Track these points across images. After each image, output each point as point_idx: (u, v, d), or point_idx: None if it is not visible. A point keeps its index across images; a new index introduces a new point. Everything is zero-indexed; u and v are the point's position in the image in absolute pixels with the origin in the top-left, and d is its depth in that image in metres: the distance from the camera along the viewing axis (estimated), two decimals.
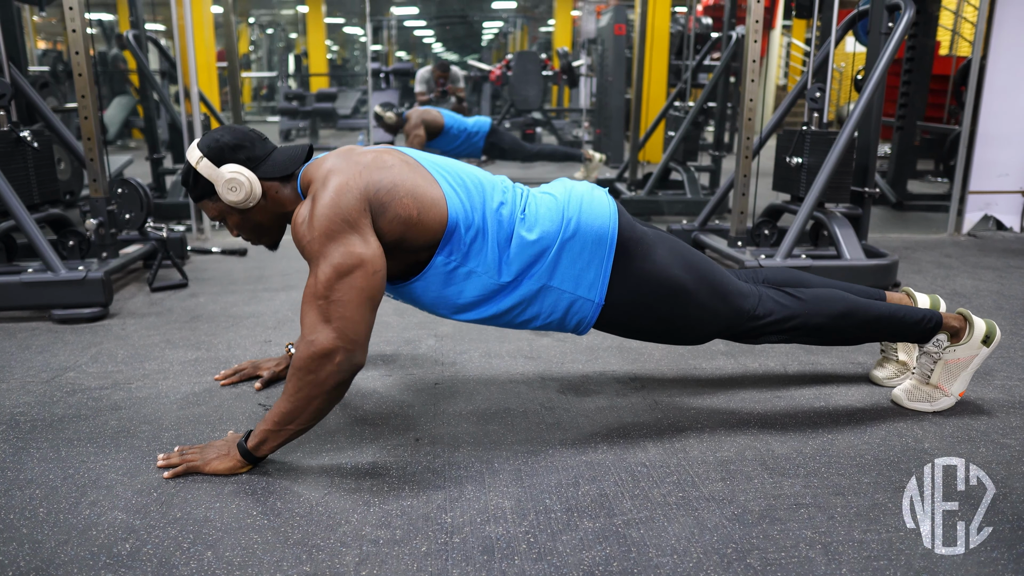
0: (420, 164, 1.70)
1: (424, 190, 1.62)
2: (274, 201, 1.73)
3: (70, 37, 2.94)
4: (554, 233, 1.70)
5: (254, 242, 1.84)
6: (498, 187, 1.75)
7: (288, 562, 1.35)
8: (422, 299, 1.75)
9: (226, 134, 1.70)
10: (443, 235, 1.64)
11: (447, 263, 1.67)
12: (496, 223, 1.69)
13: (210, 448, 1.67)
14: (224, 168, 1.67)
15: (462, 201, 1.66)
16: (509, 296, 1.72)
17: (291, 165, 1.72)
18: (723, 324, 1.84)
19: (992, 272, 3.51)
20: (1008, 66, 4.22)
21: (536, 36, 17.28)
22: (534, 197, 1.77)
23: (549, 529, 1.45)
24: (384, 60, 15.68)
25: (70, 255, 3.16)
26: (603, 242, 1.72)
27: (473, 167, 1.81)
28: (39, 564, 1.34)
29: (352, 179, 1.57)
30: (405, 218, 1.59)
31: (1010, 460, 1.72)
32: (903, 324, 1.93)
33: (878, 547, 1.40)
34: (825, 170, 3.17)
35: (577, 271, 1.72)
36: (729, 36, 5.08)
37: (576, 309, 1.75)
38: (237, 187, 1.66)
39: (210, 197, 1.72)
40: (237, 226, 1.77)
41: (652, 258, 1.75)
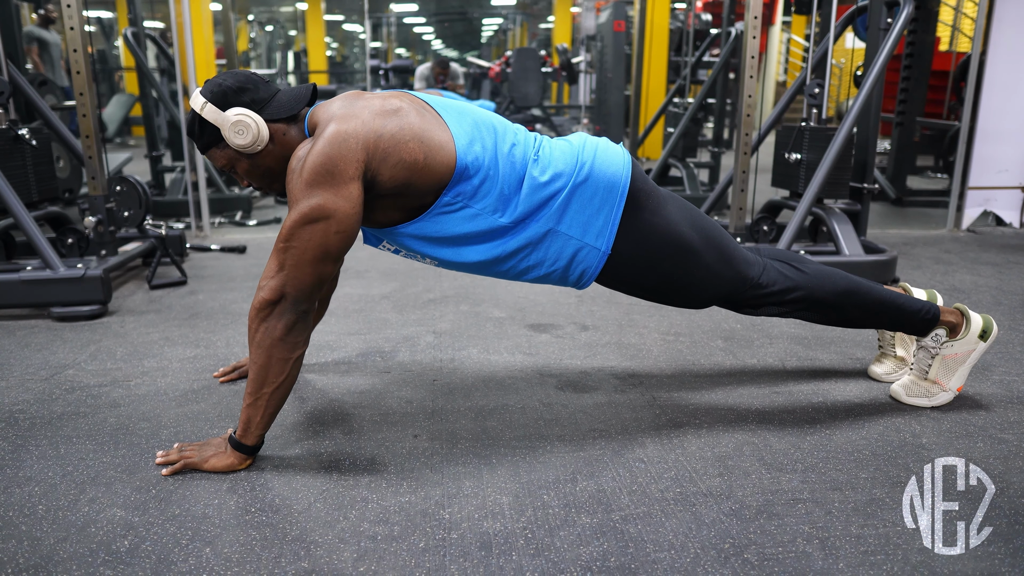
0: (430, 105, 1.67)
1: (431, 133, 1.59)
2: (282, 144, 1.68)
3: (68, 35, 2.93)
4: (567, 175, 1.68)
5: (265, 190, 1.78)
6: (510, 129, 1.73)
7: (286, 558, 1.35)
8: (422, 240, 1.70)
9: (228, 78, 1.67)
10: (451, 178, 1.61)
11: (452, 203, 1.64)
12: (508, 164, 1.66)
13: (208, 446, 1.68)
14: (229, 112, 1.62)
15: (472, 143, 1.63)
16: (514, 238, 1.69)
17: (297, 105, 1.69)
18: (726, 289, 1.82)
19: (991, 268, 3.51)
20: (1008, 62, 4.21)
21: (536, 33, 17.26)
22: (549, 142, 1.75)
23: (547, 525, 1.45)
24: (384, 57, 15.66)
25: (69, 253, 3.16)
26: (615, 190, 1.69)
27: (486, 111, 1.77)
28: (38, 561, 1.34)
29: (353, 127, 1.54)
30: (411, 163, 1.56)
31: (1008, 455, 1.72)
32: (902, 312, 1.93)
33: (875, 542, 1.40)
34: (824, 166, 3.17)
35: (586, 217, 1.69)
36: (728, 32, 5.07)
37: (581, 258, 1.72)
38: (244, 130, 1.62)
39: (217, 144, 1.68)
40: (247, 173, 1.72)
41: (662, 213, 1.73)
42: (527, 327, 2.65)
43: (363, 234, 1.79)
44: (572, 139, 1.78)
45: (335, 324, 2.68)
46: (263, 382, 1.58)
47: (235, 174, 1.73)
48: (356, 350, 2.42)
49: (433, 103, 1.69)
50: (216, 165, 1.73)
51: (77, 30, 2.92)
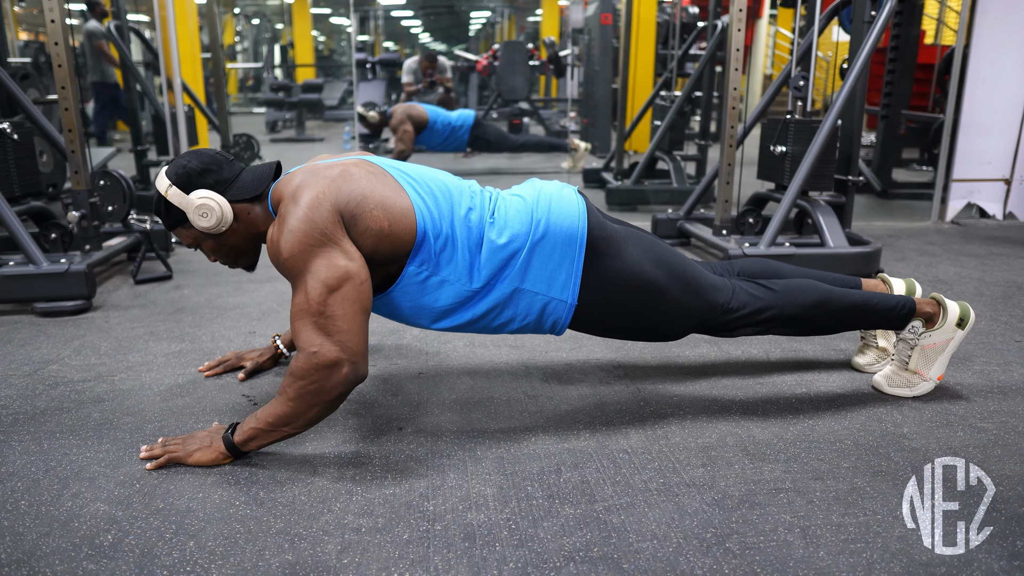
0: (388, 173, 1.70)
1: (393, 200, 1.63)
2: (247, 223, 1.73)
3: (50, 28, 2.91)
4: (524, 235, 1.70)
5: (231, 265, 1.84)
6: (466, 193, 1.75)
7: (270, 551, 1.35)
8: (399, 310, 1.76)
9: (193, 159, 1.71)
10: (413, 245, 1.64)
11: (419, 272, 1.67)
12: (465, 229, 1.69)
13: (192, 439, 1.67)
14: (194, 195, 1.67)
15: (430, 210, 1.66)
16: (483, 301, 1.73)
17: (260, 184, 1.73)
18: (697, 318, 1.84)
19: (974, 259, 3.54)
20: (991, 55, 4.24)
21: (523, 26, 17.22)
22: (503, 200, 1.78)
23: (531, 516, 1.46)
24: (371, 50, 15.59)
25: (52, 248, 3.14)
26: (573, 242, 1.72)
27: (442, 173, 1.81)
28: (20, 556, 1.34)
29: (322, 192, 1.57)
30: (376, 230, 1.60)
31: (987, 444, 1.74)
32: (876, 312, 1.95)
33: (855, 530, 1.41)
34: (809, 158, 3.18)
35: (548, 272, 1.72)
36: (715, 25, 5.08)
37: (550, 310, 1.76)
38: (208, 212, 1.67)
39: (183, 224, 1.73)
40: (213, 251, 1.78)
41: (623, 256, 1.75)
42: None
43: None
44: (526, 193, 1.80)
45: None
46: (287, 422, 1.58)
47: (201, 251, 1.79)
48: None
49: (390, 169, 1.72)
50: (183, 242, 1.78)
51: (58, 23, 2.89)
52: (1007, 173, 4.46)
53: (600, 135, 7.89)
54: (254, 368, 2.15)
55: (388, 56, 10.83)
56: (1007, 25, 4.22)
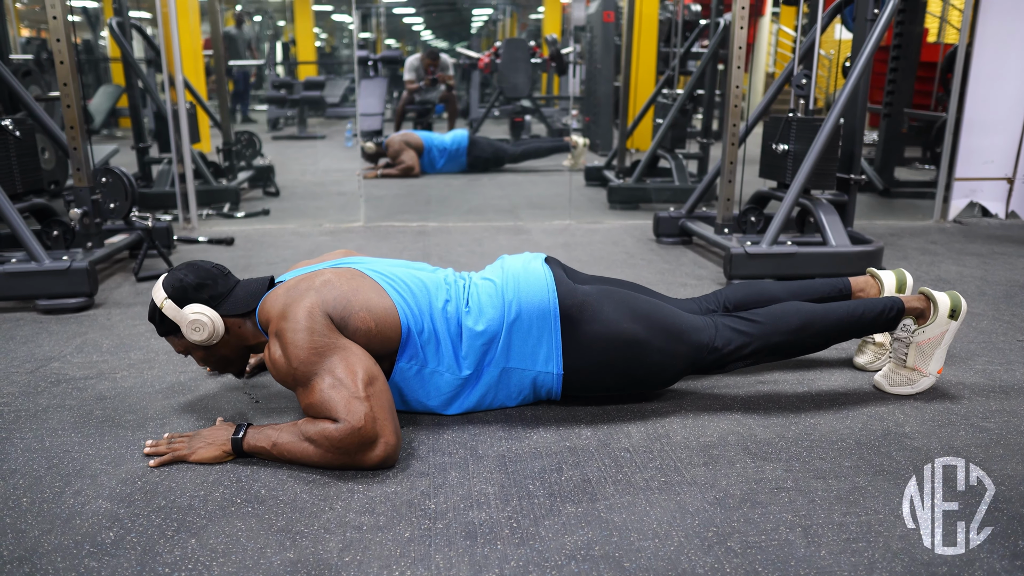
0: (367, 276, 1.75)
1: (375, 302, 1.69)
2: (237, 336, 1.79)
3: (52, 25, 2.90)
4: (499, 320, 1.77)
5: (221, 372, 1.90)
6: (441, 286, 1.82)
7: (272, 549, 1.35)
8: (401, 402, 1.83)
9: (189, 274, 1.76)
10: (400, 342, 1.71)
11: (410, 367, 1.75)
12: (444, 321, 1.76)
13: (198, 437, 1.68)
14: (187, 309, 1.71)
15: (410, 306, 1.73)
16: (476, 386, 1.81)
17: (252, 301, 1.77)
18: (685, 363, 1.86)
19: (976, 258, 3.54)
20: (994, 54, 4.23)
21: (525, 23, 17.20)
22: (476, 287, 1.84)
23: (532, 514, 1.46)
24: (373, 48, 15.58)
25: (54, 245, 3.14)
26: (546, 316, 1.78)
27: (417, 267, 1.89)
28: (22, 553, 1.34)
29: (312, 303, 1.63)
30: (365, 330, 1.66)
31: (989, 443, 1.74)
32: (863, 321, 1.94)
33: (857, 529, 1.41)
34: (811, 157, 3.18)
35: (529, 349, 1.79)
36: (717, 23, 5.07)
37: (541, 382, 1.83)
38: (200, 327, 1.71)
39: (175, 334, 1.78)
40: (203, 360, 1.83)
41: (599, 318, 1.80)
42: None
43: None
44: (495, 276, 1.86)
45: None
46: (298, 461, 1.61)
47: (192, 358, 1.85)
48: None
49: (368, 271, 1.78)
50: (175, 350, 1.84)
51: (60, 19, 2.89)
52: (1010, 172, 4.45)
53: (602, 133, 7.88)
54: (257, 364, 2.15)
55: (390, 53, 10.83)
56: (1010, 23, 4.21)
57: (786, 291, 2.10)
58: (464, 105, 10.29)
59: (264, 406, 1.95)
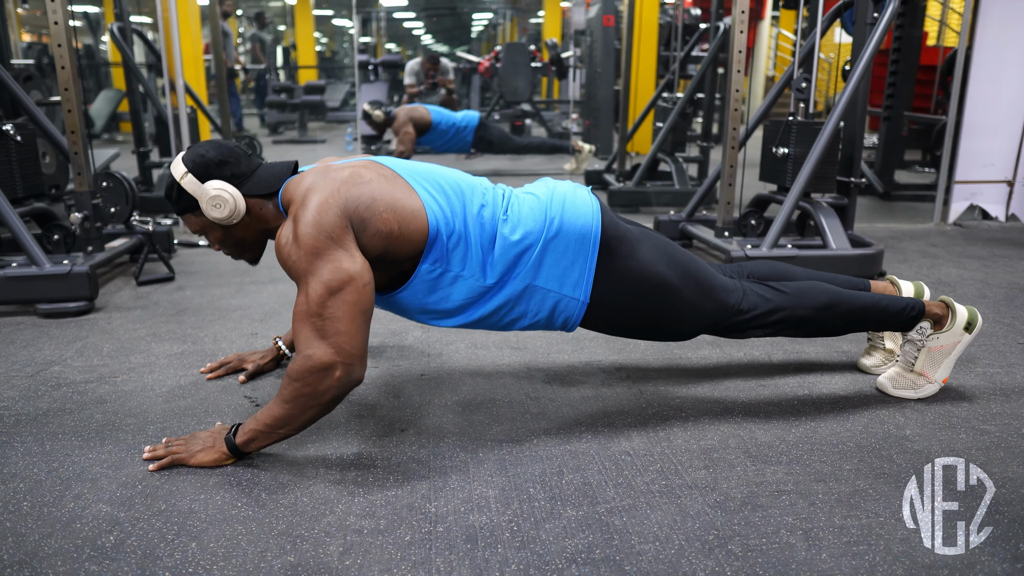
0: (398, 175, 1.69)
1: (403, 202, 1.62)
2: (257, 218, 1.73)
3: (53, 30, 2.91)
4: (537, 232, 1.70)
5: (235, 257, 1.84)
6: (478, 190, 1.75)
7: (272, 552, 1.35)
8: (409, 308, 1.75)
9: (211, 149, 1.70)
10: (425, 244, 1.64)
11: (432, 270, 1.67)
12: (478, 226, 1.69)
13: (195, 440, 1.67)
14: (208, 184, 1.66)
15: (442, 208, 1.66)
16: (495, 298, 1.73)
17: (276, 182, 1.72)
18: (709, 320, 1.84)
19: (977, 261, 3.54)
20: (993, 57, 4.23)
21: (525, 28, 17.23)
22: (516, 197, 1.78)
23: (532, 518, 1.46)
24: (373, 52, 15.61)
25: (55, 249, 3.15)
26: (586, 240, 1.72)
27: (453, 171, 1.80)
28: (23, 557, 1.34)
29: (331, 196, 1.57)
30: (386, 232, 1.59)
31: (989, 446, 1.74)
32: (886, 313, 1.95)
33: (858, 532, 1.41)
34: (811, 160, 3.18)
35: (561, 270, 1.72)
36: (717, 27, 5.08)
37: (562, 308, 1.76)
38: (221, 204, 1.66)
39: (193, 212, 1.72)
40: (219, 241, 1.78)
41: (636, 255, 1.75)
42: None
43: None
44: (539, 191, 1.80)
45: None
46: (283, 424, 1.58)
47: (207, 238, 1.79)
48: None
49: (399, 169, 1.72)
50: (190, 228, 1.77)
51: (61, 24, 2.90)
52: (1010, 175, 4.45)
53: (602, 137, 7.89)
54: (256, 371, 2.15)
55: (390, 58, 10.84)
56: (1009, 27, 4.21)
57: (809, 276, 2.10)
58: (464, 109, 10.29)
59: None
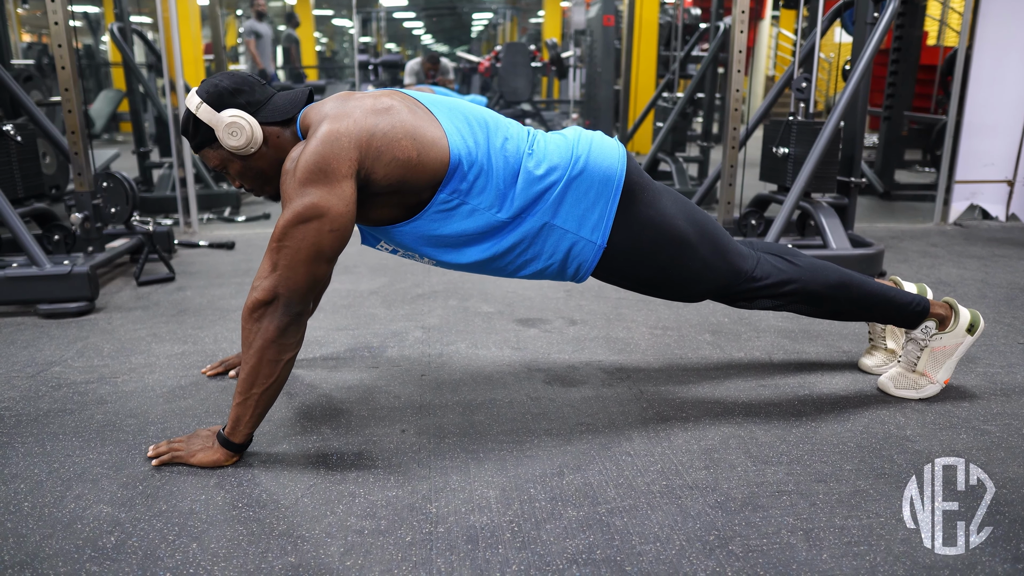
0: (421, 103, 1.67)
1: (424, 130, 1.59)
2: (275, 147, 1.69)
3: (53, 30, 2.91)
4: (562, 168, 1.67)
5: (257, 192, 1.78)
6: (503, 124, 1.73)
7: (273, 553, 1.35)
8: (420, 240, 1.70)
9: (225, 79, 1.67)
10: (445, 174, 1.60)
11: (448, 200, 1.63)
12: (502, 159, 1.65)
13: (196, 438, 1.68)
14: (224, 113, 1.63)
15: (464, 138, 1.63)
16: (511, 234, 1.69)
17: (292, 108, 1.69)
18: (721, 282, 1.83)
19: (977, 261, 3.54)
20: (993, 56, 4.23)
21: (525, 27, 17.23)
22: (543, 136, 1.75)
23: (533, 518, 1.46)
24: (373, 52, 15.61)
25: (55, 249, 3.15)
26: (610, 183, 1.69)
27: (479, 107, 1.77)
28: (23, 558, 1.34)
29: (345, 126, 1.53)
30: (404, 160, 1.56)
31: (990, 446, 1.74)
32: (892, 304, 1.95)
33: (859, 533, 1.41)
34: (811, 160, 3.18)
35: (582, 211, 1.69)
36: (717, 27, 5.08)
37: (577, 251, 1.72)
38: (238, 131, 1.63)
39: (211, 144, 1.68)
40: (239, 174, 1.73)
41: (657, 206, 1.74)
42: (515, 322, 2.66)
43: (361, 234, 1.79)
44: (567, 133, 1.78)
45: (324, 319, 2.67)
46: (253, 383, 1.57)
47: (227, 174, 1.74)
48: (344, 345, 2.42)
49: (424, 100, 1.69)
50: (208, 164, 1.73)
51: (61, 25, 2.90)
52: (1010, 175, 4.45)
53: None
54: None
55: (390, 58, 10.85)
56: (1010, 26, 4.21)
57: None
58: None
59: None
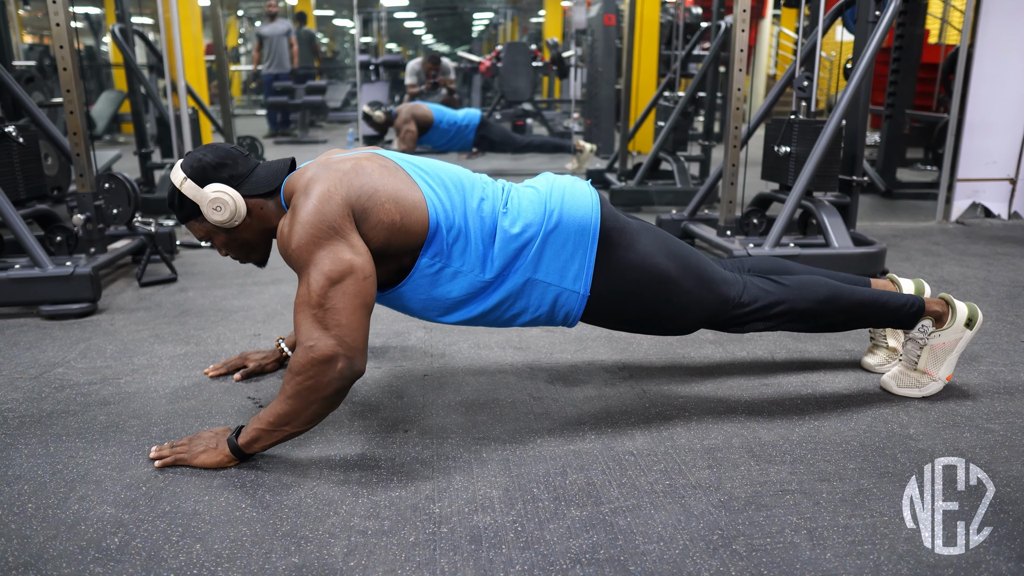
0: (399, 167, 1.69)
1: (404, 194, 1.62)
2: (259, 217, 1.73)
3: (54, 31, 2.91)
4: (537, 224, 1.70)
5: (242, 260, 1.84)
6: (478, 184, 1.76)
7: (277, 554, 1.35)
8: (411, 303, 1.75)
9: (208, 153, 1.71)
10: (426, 237, 1.64)
11: (431, 264, 1.67)
12: (478, 220, 1.68)
13: (198, 440, 1.68)
14: (208, 188, 1.67)
15: (442, 201, 1.66)
16: (496, 292, 1.72)
17: (275, 180, 1.73)
18: (709, 312, 1.84)
19: (979, 259, 3.53)
20: (995, 54, 4.23)
21: (526, 27, 17.23)
22: (516, 191, 1.78)
23: (537, 518, 1.46)
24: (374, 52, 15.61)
25: (58, 251, 3.15)
26: (585, 233, 1.72)
27: (453, 166, 1.80)
28: (27, 559, 1.34)
29: (334, 186, 1.57)
30: (388, 224, 1.59)
31: (993, 445, 1.73)
32: (886, 309, 1.95)
33: (862, 532, 1.41)
34: (813, 159, 3.18)
35: (561, 263, 1.72)
36: (718, 26, 5.08)
37: (563, 302, 1.75)
38: (222, 206, 1.67)
39: (196, 218, 1.73)
40: (225, 245, 1.78)
41: (636, 247, 1.75)
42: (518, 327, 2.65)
43: None
44: (539, 184, 1.80)
45: None
46: (288, 421, 1.57)
47: (213, 245, 1.79)
48: None
49: (401, 162, 1.72)
50: (195, 236, 1.78)
51: (63, 26, 2.90)
52: (1012, 172, 4.45)
53: (604, 136, 7.88)
54: (256, 369, 2.15)
55: (391, 58, 10.85)
56: (1012, 24, 4.21)
57: (809, 273, 2.09)
58: None
59: None
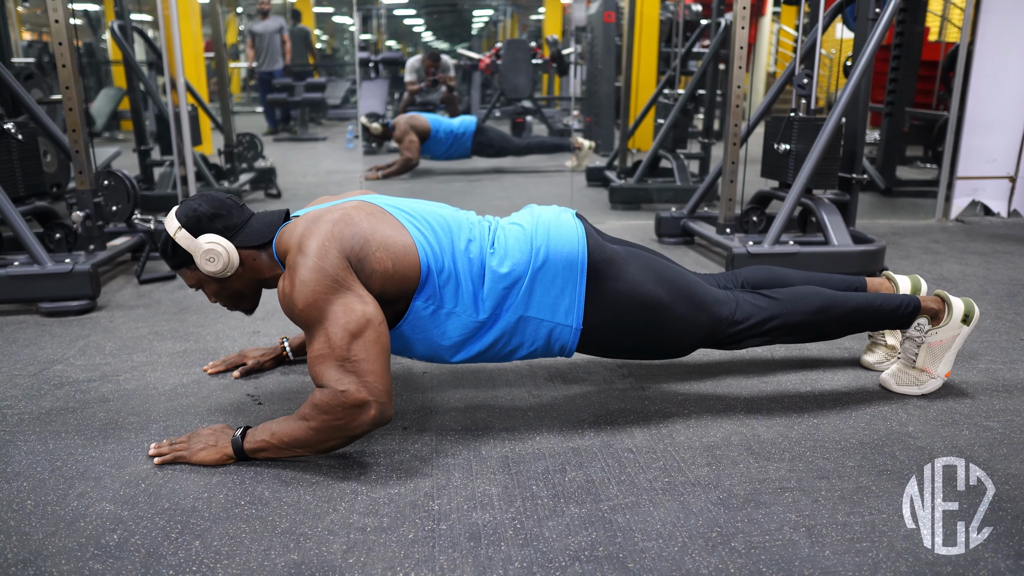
0: (387, 213, 1.71)
1: (394, 240, 1.64)
2: (252, 268, 1.75)
3: (53, 28, 2.91)
4: (525, 264, 1.72)
5: (231, 308, 1.85)
6: (465, 225, 1.77)
7: (276, 551, 1.35)
8: (411, 345, 1.77)
9: (204, 203, 1.72)
10: (418, 282, 1.66)
11: (425, 307, 1.69)
12: (466, 262, 1.70)
13: (197, 438, 1.68)
14: (202, 239, 1.68)
15: (431, 244, 1.68)
16: (490, 332, 1.74)
17: (268, 232, 1.74)
18: (704, 333, 1.85)
19: (979, 257, 3.53)
20: (995, 52, 4.22)
21: (526, 24, 17.21)
22: (503, 229, 1.80)
23: (536, 515, 1.46)
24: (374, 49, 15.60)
25: (57, 248, 3.15)
26: (574, 267, 1.73)
27: (439, 205, 1.82)
28: (27, 556, 1.34)
29: (327, 239, 1.59)
30: (381, 272, 1.61)
31: (992, 442, 1.74)
32: (881, 313, 1.95)
33: (861, 529, 1.41)
34: (813, 156, 3.17)
35: (552, 299, 1.74)
36: (718, 23, 5.07)
37: (556, 336, 1.77)
38: (215, 258, 1.68)
39: (188, 266, 1.74)
40: (215, 294, 1.79)
41: (624, 277, 1.77)
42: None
43: None
44: (524, 222, 1.81)
45: None
46: (303, 446, 1.59)
47: (204, 292, 1.80)
48: None
49: (387, 206, 1.74)
50: (186, 283, 1.80)
51: (62, 23, 2.89)
52: (1012, 170, 4.44)
53: (603, 133, 7.87)
54: (255, 367, 2.15)
55: (391, 55, 10.82)
56: (1012, 22, 4.20)
57: (803, 279, 2.10)
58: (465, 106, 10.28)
59: (267, 407, 1.95)
